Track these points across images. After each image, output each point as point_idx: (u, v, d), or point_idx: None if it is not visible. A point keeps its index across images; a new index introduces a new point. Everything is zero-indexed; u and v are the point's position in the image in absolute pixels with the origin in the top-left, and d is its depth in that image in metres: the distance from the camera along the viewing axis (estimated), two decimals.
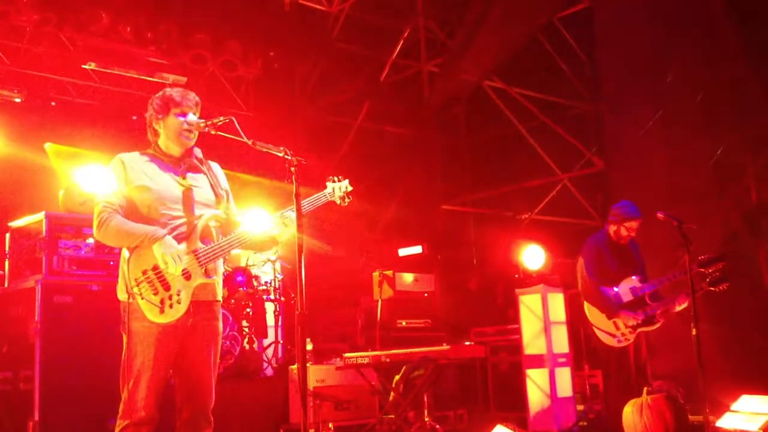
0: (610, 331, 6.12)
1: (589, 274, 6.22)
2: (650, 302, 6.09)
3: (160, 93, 3.97)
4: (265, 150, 3.76)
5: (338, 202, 4.09)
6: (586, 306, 6.24)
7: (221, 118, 3.88)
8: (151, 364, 3.66)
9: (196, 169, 3.98)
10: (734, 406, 6.08)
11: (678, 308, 6.01)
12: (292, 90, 11.33)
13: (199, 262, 3.76)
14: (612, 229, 6.29)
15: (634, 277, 6.18)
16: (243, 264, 8.20)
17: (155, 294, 3.66)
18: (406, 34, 11.04)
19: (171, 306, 3.67)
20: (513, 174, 11.42)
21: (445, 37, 11.24)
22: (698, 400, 5.50)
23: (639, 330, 6.08)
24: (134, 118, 8.91)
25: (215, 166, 4.10)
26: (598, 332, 6.19)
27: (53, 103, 8.74)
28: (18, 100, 8.32)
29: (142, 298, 3.65)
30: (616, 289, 6.18)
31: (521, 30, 10.16)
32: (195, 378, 3.80)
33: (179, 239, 3.75)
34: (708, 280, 5.81)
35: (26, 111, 8.40)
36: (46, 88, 8.75)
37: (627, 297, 6.15)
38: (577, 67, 11.72)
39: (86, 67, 8.52)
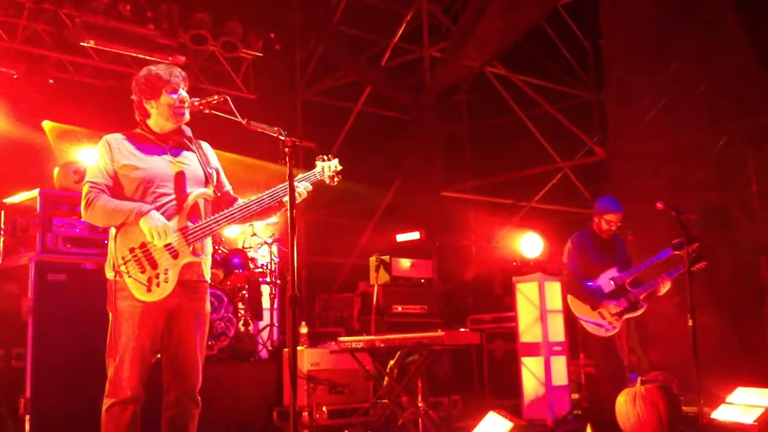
0: (596, 320, 6.18)
1: (570, 267, 6.35)
2: (631, 289, 6.17)
3: (144, 72, 3.87)
4: (259, 130, 3.72)
5: (327, 181, 4.03)
6: (570, 298, 6.33)
7: (215, 97, 3.84)
8: (135, 343, 3.64)
9: (184, 147, 3.93)
10: (729, 398, 6.07)
11: (663, 290, 6.10)
12: (292, 73, 11.28)
13: (187, 240, 3.72)
14: (594, 222, 6.40)
15: (613, 269, 6.25)
16: (240, 246, 8.16)
17: (142, 272, 3.63)
18: (408, 18, 10.97)
19: (158, 285, 3.64)
20: (513, 161, 11.37)
21: (448, 22, 11.16)
22: (693, 391, 5.49)
23: (625, 316, 6.15)
24: (133, 97, 8.85)
25: (205, 145, 4.05)
26: (585, 324, 6.25)
27: (51, 81, 8.67)
28: (15, 76, 8.26)
29: (129, 276, 3.61)
30: (597, 282, 6.25)
31: (525, 16, 10.08)
32: (181, 358, 3.77)
33: (167, 217, 3.72)
34: (688, 260, 5.81)
35: (24, 88, 8.34)
36: (44, 66, 8.68)
37: (608, 287, 6.23)
38: (580, 55, 11.67)
39: (85, 44, 8.45)
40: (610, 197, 6.46)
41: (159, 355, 3.81)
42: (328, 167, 4.03)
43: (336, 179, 4.04)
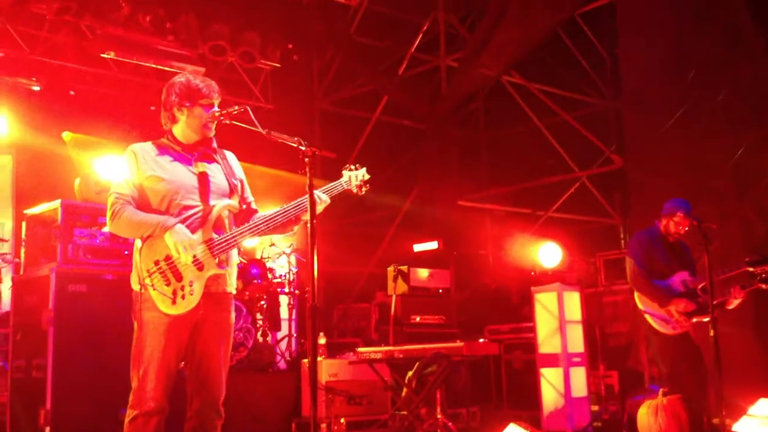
0: (664, 316, 5.94)
1: (637, 264, 6.07)
2: (702, 295, 5.89)
3: (182, 79, 3.88)
4: (279, 140, 3.72)
5: (355, 191, 4.01)
6: (637, 294, 6.08)
7: (236, 108, 3.84)
8: (160, 355, 3.63)
9: (209, 158, 3.92)
10: (751, 409, 6.00)
11: (733, 303, 5.84)
12: (310, 83, 11.33)
13: (212, 252, 3.72)
14: (662, 224, 6.18)
15: (685, 272, 6.05)
16: (258, 256, 8.18)
17: (167, 285, 3.63)
18: (425, 28, 10.98)
19: (183, 297, 3.64)
20: (531, 170, 11.35)
21: (464, 32, 11.17)
22: (715, 402, 5.44)
23: (693, 319, 5.89)
24: (152, 108, 8.91)
25: (230, 156, 4.05)
26: (650, 319, 5.98)
27: (72, 92, 8.75)
28: (37, 88, 8.34)
29: (154, 289, 3.62)
30: (668, 281, 6.03)
31: (542, 25, 10.06)
32: (206, 370, 3.77)
33: (192, 229, 3.71)
34: (758, 278, 5.73)
35: (45, 99, 8.42)
36: (64, 77, 8.76)
37: (679, 289, 6.00)
38: (597, 63, 11.64)
39: (105, 56, 8.52)
40: (682, 199, 6.15)
41: (182, 364, 3.81)
42: (355, 176, 4.00)
43: (364, 188, 4.02)
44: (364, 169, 4.04)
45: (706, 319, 5.85)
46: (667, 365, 6.09)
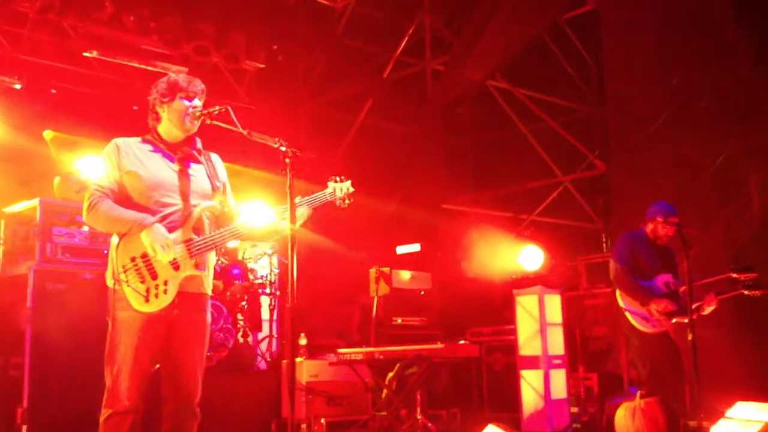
0: (644, 314, 5.99)
1: (620, 262, 6.13)
2: (684, 297, 5.91)
3: (166, 77, 3.93)
4: (260, 140, 3.72)
5: (338, 203, 4.01)
6: (618, 292, 6.13)
7: (217, 107, 3.85)
8: (134, 354, 3.62)
9: (193, 158, 3.92)
10: (729, 412, 6.03)
11: (707, 309, 5.93)
12: (295, 84, 11.30)
13: (190, 253, 3.72)
14: (649, 227, 6.24)
15: (668, 274, 6.12)
16: (240, 257, 8.16)
17: (142, 282, 3.62)
18: (411, 32, 10.99)
19: (156, 296, 3.63)
20: (514, 175, 11.38)
21: (450, 36, 11.19)
22: (693, 405, 5.47)
23: (674, 320, 5.92)
24: (135, 108, 8.87)
25: (215, 157, 4.05)
26: (631, 317, 6.04)
27: (53, 91, 8.68)
28: (18, 86, 8.28)
29: (128, 286, 3.61)
30: (650, 282, 6.10)
31: (527, 30, 10.11)
32: (180, 370, 3.76)
33: (171, 228, 3.71)
34: (743, 284, 5.80)
35: (26, 98, 8.36)
36: (46, 76, 8.69)
37: (661, 290, 6.06)
38: (582, 69, 11.68)
39: (88, 54, 8.47)
40: (664, 203, 6.23)
41: (158, 366, 3.80)
42: (339, 188, 4.01)
43: (347, 201, 4.02)
44: (349, 182, 4.05)
45: (687, 320, 5.91)
46: (646, 363, 6.14)
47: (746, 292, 5.78)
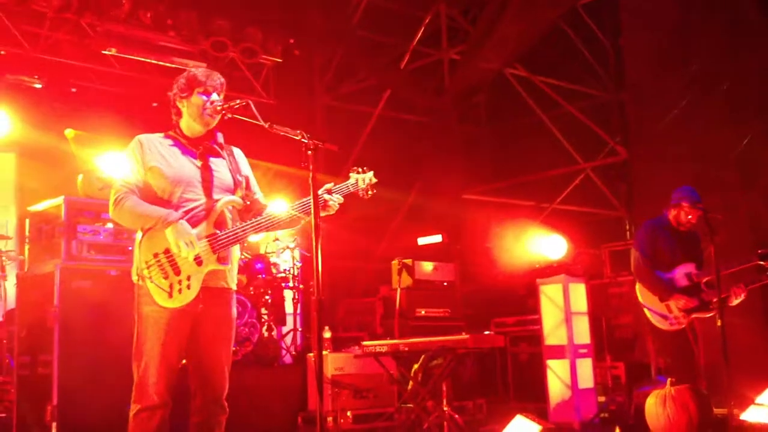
0: (662, 312, 5.90)
1: (642, 254, 6.00)
2: (706, 289, 5.84)
3: (186, 72, 3.92)
4: (282, 133, 3.68)
5: (361, 194, 3.95)
6: (638, 287, 6.04)
7: (237, 101, 3.83)
8: (160, 349, 3.62)
9: (214, 153, 3.91)
10: (759, 399, 5.98)
11: (735, 300, 5.77)
12: (311, 78, 11.30)
13: (213, 248, 3.70)
14: (672, 214, 6.08)
15: (690, 264, 5.96)
16: (262, 251, 8.17)
17: (165, 278, 3.62)
18: (426, 22, 10.94)
19: (180, 291, 3.62)
20: (535, 163, 11.31)
21: (467, 25, 11.13)
22: (723, 392, 5.41)
23: (693, 315, 5.84)
24: (155, 104, 8.91)
25: (237, 152, 4.04)
26: (649, 314, 5.96)
27: (73, 89, 8.74)
28: (38, 86, 8.33)
29: (152, 282, 3.61)
30: (670, 274, 5.97)
31: (543, 17, 10.03)
32: (207, 364, 3.76)
33: (194, 223, 3.70)
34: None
35: (47, 97, 8.41)
36: (66, 74, 8.74)
37: (683, 282, 5.93)
38: (600, 55, 11.60)
39: (106, 52, 8.51)
40: (689, 188, 6.05)
41: (185, 361, 3.80)
42: (362, 179, 3.95)
43: (370, 192, 3.99)
44: (372, 172, 3.99)
45: (708, 315, 5.84)
46: (668, 358, 6.06)
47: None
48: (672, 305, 5.86)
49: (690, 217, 6.01)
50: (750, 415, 5.85)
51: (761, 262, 5.68)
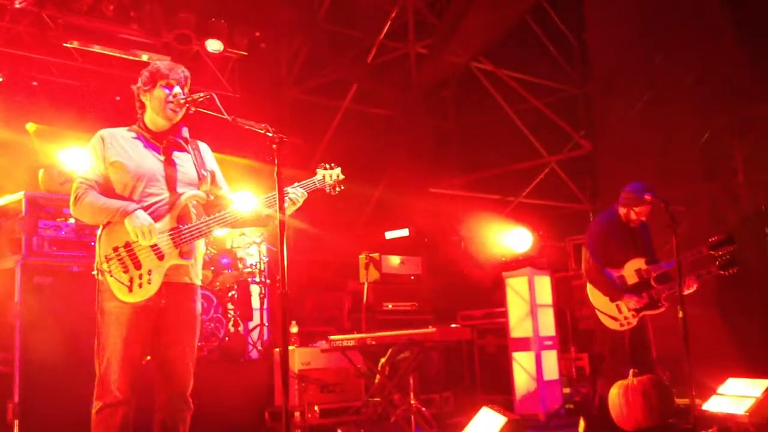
0: (612, 314, 5.94)
1: (592, 255, 6.02)
2: (656, 285, 5.89)
3: (150, 65, 3.88)
4: (246, 127, 3.66)
5: (328, 190, 3.96)
6: (589, 288, 6.06)
7: (201, 94, 3.79)
8: (122, 346, 3.59)
9: (179, 147, 3.87)
10: (720, 389, 6.07)
11: (687, 291, 5.68)
12: (278, 71, 11.23)
13: (175, 242, 3.67)
14: (622, 211, 6.07)
15: (640, 260, 5.99)
16: (228, 246, 8.12)
17: (125, 272, 3.58)
18: (393, 15, 10.93)
19: (140, 285, 3.58)
20: (501, 157, 11.38)
21: (433, 18, 11.13)
22: (684, 382, 5.49)
23: (642, 313, 5.91)
24: (118, 98, 8.78)
25: (203, 146, 4.00)
26: (600, 315, 6.00)
27: (35, 83, 8.58)
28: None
29: (111, 276, 3.57)
30: (621, 271, 6.01)
31: (509, 11, 10.08)
32: (171, 360, 3.73)
33: (156, 217, 3.66)
34: (717, 263, 5.69)
35: (7, 90, 8.25)
36: (27, 68, 8.59)
37: (632, 279, 5.97)
38: (565, 49, 11.67)
39: (68, 45, 8.37)
40: (639, 184, 5.99)
41: (149, 357, 3.77)
42: (329, 175, 3.95)
43: (338, 188, 3.98)
44: (339, 169, 4.00)
45: (658, 312, 5.91)
46: (606, 358, 6.13)
47: (722, 272, 5.69)
48: (622, 306, 5.92)
49: (639, 215, 5.99)
50: (711, 404, 5.94)
51: (711, 252, 5.73)
